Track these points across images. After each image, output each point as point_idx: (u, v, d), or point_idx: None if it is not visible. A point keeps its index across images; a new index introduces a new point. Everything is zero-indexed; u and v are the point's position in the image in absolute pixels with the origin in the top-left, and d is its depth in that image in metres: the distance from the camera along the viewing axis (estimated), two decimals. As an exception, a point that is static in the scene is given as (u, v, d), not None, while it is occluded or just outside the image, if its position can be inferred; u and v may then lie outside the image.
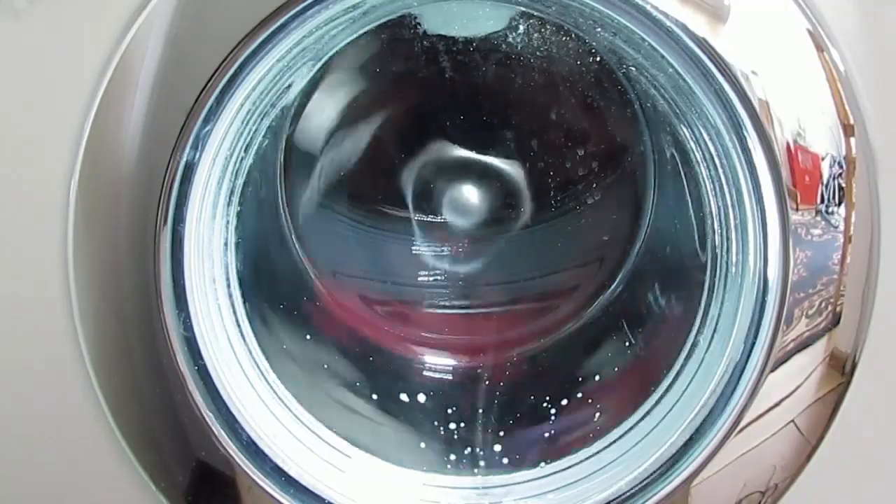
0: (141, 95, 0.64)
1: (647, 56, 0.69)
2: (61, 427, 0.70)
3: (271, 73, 0.69)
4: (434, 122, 0.89)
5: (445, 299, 0.91)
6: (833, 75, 0.64)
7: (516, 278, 0.93)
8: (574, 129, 0.88)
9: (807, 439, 0.69)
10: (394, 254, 0.92)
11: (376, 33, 0.81)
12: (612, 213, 0.90)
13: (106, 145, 0.65)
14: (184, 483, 0.70)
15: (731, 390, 0.69)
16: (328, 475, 0.74)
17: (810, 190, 0.65)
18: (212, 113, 0.65)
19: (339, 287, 0.90)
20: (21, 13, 0.63)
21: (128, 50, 0.63)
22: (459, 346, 0.90)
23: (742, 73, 0.63)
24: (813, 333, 0.67)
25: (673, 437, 0.70)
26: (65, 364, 0.68)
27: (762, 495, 0.70)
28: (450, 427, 0.82)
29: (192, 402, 0.69)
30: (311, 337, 0.85)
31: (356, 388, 0.84)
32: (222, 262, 0.74)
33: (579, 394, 0.82)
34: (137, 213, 0.66)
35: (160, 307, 0.67)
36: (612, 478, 0.72)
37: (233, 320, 0.74)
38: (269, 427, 0.73)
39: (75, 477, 0.72)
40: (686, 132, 0.74)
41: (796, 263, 0.65)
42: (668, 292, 0.84)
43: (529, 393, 0.84)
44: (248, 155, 0.74)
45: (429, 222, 0.89)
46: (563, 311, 0.90)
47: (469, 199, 0.89)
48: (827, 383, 0.68)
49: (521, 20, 0.81)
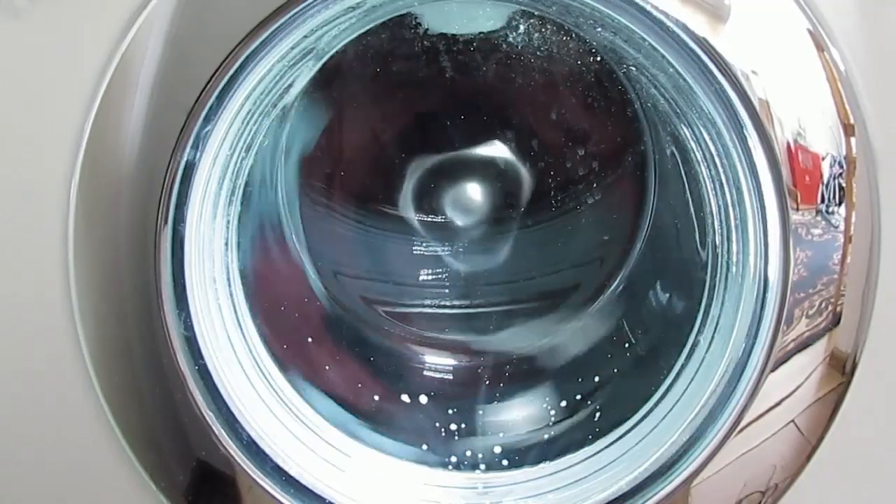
0: (141, 95, 0.64)
1: (648, 56, 0.69)
2: (61, 427, 0.71)
3: (272, 73, 0.69)
4: (435, 121, 0.89)
5: (446, 299, 0.91)
6: (833, 75, 0.64)
7: (517, 278, 0.93)
8: (574, 129, 0.88)
9: (807, 439, 0.69)
10: (394, 254, 0.92)
11: (377, 33, 0.81)
12: (612, 212, 0.90)
13: (106, 145, 0.65)
14: (184, 483, 0.71)
15: (731, 390, 0.68)
16: (329, 475, 0.74)
17: (810, 190, 0.65)
18: (212, 113, 0.65)
19: (339, 287, 0.90)
20: (21, 13, 0.63)
21: (128, 50, 0.63)
22: (460, 346, 0.90)
23: (742, 72, 0.63)
24: (813, 333, 0.67)
25: (673, 437, 0.70)
26: (65, 363, 0.68)
27: (762, 495, 0.70)
28: (450, 427, 0.82)
29: (193, 402, 0.69)
30: (312, 337, 0.85)
31: (357, 389, 0.84)
32: (223, 262, 0.74)
33: (579, 394, 0.82)
34: (138, 212, 0.66)
35: (161, 307, 0.67)
36: (612, 478, 0.72)
37: (233, 320, 0.74)
38: (270, 427, 0.73)
39: (75, 476, 0.72)
40: (686, 132, 0.74)
41: (796, 263, 0.65)
42: (669, 292, 0.84)
43: (529, 393, 0.84)
44: (248, 155, 0.74)
45: (429, 222, 0.90)
46: (564, 310, 0.90)
47: (469, 199, 0.89)
48: (827, 383, 0.68)
49: (522, 20, 0.81)
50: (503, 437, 0.81)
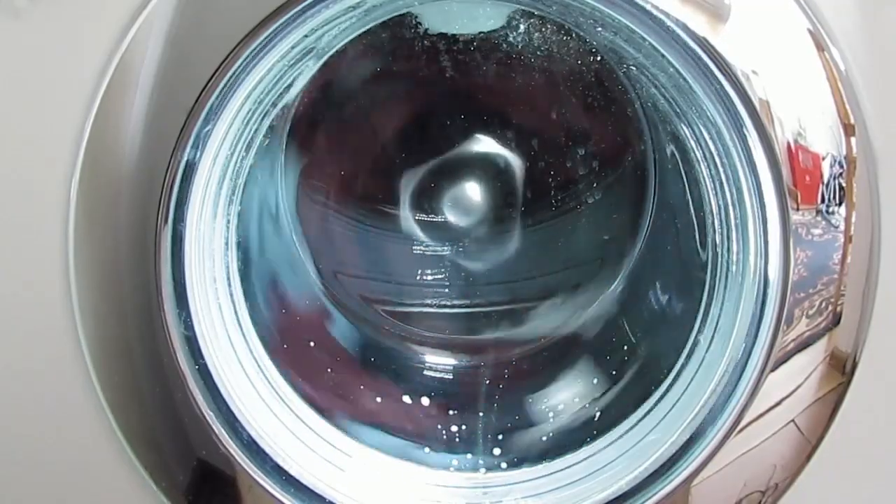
0: (141, 95, 0.64)
1: (648, 55, 0.69)
2: (62, 426, 0.71)
3: (272, 73, 0.69)
4: (435, 121, 0.89)
5: (446, 299, 0.91)
6: (834, 75, 0.64)
7: (517, 277, 0.93)
8: (575, 129, 0.88)
9: (807, 439, 0.69)
10: (394, 253, 0.92)
11: (377, 32, 0.81)
12: (612, 212, 0.90)
13: (107, 145, 0.65)
14: (184, 482, 0.71)
15: (731, 390, 0.69)
16: (329, 474, 0.74)
17: (811, 189, 0.65)
18: (212, 112, 0.65)
19: (339, 286, 0.90)
20: (21, 13, 0.63)
21: (128, 49, 0.63)
22: (460, 346, 0.90)
23: (743, 72, 0.63)
24: (813, 333, 0.67)
25: (673, 437, 0.70)
26: (65, 363, 0.68)
27: (762, 495, 0.70)
28: (451, 427, 0.82)
29: (193, 402, 0.69)
30: (312, 337, 0.85)
31: (357, 389, 0.84)
32: (223, 262, 0.74)
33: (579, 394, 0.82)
34: (138, 212, 0.66)
35: (161, 306, 0.67)
36: (612, 477, 0.72)
37: (233, 319, 0.74)
38: (270, 426, 0.73)
39: (76, 476, 0.72)
40: (686, 131, 0.74)
41: (797, 263, 0.65)
42: (669, 291, 0.84)
43: (530, 392, 0.84)
44: (248, 154, 0.74)
45: (430, 222, 0.90)
46: (564, 310, 0.90)
47: (470, 199, 0.89)
48: (827, 383, 0.68)
49: (522, 19, 0.81)
50: (503, 437, 0.81)
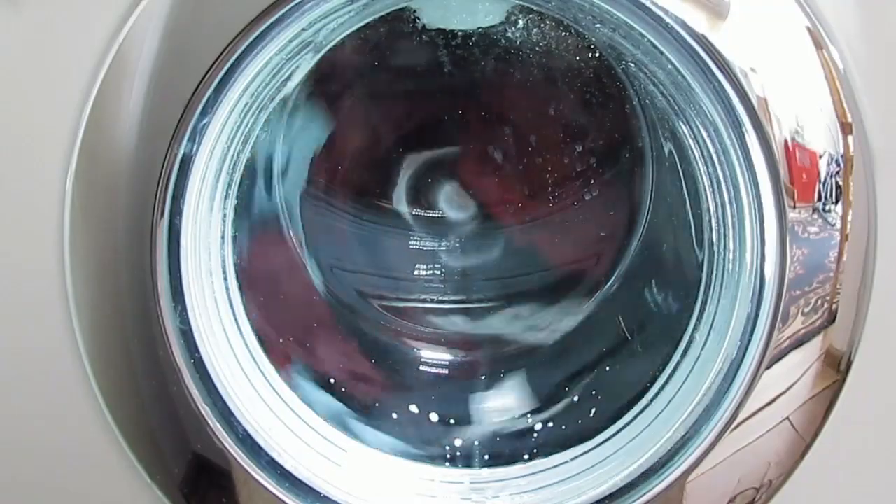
0: (138, 87, 0.63)
1: (647, 52, 0.69)
2: (57, 420, 0.70)
3: (270, 66, 0.68)
4: (432, 116, 0.88)
5: (442, 294, 0.91)
6: (832, 73, 0.64)
7: (513, 273, 0.93)
8: (572, 125, 0.88)
9: (801, 436, 0.69)
10: (391, 248, 0.92)
11: (375, 27, 0.80)
12: (609, 209, 0.90)
13: (103, 137, 0.64)
14: (179, 476, 0.70)
15: (726, 387, 0.69)
16: (324, 469, 0.74)
17: (808, 187, 0.65)
18: (209, 105, 0.65)
19: (336, 281, 0.90)
20: (18, 4, 0.63)
21: (125, 41, 0.63)
22: (456, 341, 0.90)
23: (741, 70, 0.63)
24: (809, 331, 0.67)
25: (668, 434, 0.70)
26: (61, 357, 0.68)
27: (756, 492, 0.70)
28: (446, 423, 0.82)
29: (189, 396, 0.69)
30: (308, 332, 0.85)
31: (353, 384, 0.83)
32: (219, 255, 0.74)
33: (576, 391, 0.82)
34: (134, 205, 0.65)
35: (157, 300, 0.67)
36: (607, 473, 0.72)
37: (229, 313, 0.74)
38: (265, 421, 0.73)
39: (71, 469, 0.72)
40: (684, 129, 0.74)
41: (793, 261, 0.65)
42: (665, 289, 0.84)
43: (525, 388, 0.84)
44: (245, 148, 0.74)
45: (426, 217, 0.89)
46: (560, 306, 0.90)
47: (466, 194, 0.89)
48: (822, 381, 0.68)
49: (521, 15, 0.81)
50: (499, 433, 0.81)
